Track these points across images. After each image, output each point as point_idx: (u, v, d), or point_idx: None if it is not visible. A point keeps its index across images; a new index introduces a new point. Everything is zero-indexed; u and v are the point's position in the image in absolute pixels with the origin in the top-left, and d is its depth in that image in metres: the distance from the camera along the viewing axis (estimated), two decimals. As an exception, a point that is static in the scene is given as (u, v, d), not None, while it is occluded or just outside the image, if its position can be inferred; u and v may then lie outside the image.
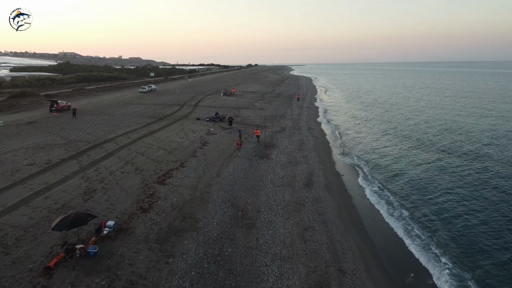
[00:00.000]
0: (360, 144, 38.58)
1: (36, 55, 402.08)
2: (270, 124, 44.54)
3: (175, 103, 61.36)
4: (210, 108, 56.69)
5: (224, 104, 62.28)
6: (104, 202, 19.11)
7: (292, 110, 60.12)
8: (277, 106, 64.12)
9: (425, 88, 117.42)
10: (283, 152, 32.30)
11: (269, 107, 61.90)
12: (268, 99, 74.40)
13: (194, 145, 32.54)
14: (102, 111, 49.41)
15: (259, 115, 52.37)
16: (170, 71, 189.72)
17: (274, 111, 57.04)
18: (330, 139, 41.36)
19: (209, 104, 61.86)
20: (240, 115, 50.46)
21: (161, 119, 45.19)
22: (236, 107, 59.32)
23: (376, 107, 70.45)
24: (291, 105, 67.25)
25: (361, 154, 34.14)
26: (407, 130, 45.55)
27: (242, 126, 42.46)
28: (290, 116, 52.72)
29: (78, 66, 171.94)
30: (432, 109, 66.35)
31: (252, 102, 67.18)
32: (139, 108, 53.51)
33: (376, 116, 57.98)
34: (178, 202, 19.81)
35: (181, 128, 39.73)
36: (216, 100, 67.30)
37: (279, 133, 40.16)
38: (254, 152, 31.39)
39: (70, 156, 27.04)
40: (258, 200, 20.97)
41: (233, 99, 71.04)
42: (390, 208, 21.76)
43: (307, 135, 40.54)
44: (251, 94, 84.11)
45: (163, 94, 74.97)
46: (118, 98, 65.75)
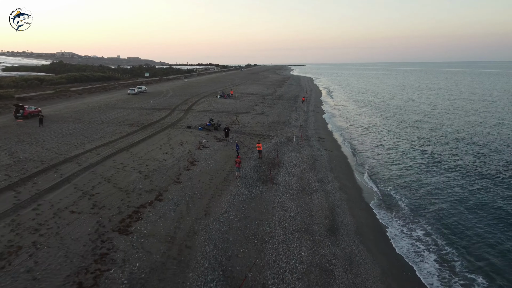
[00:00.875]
0: (384, 161, 31.70)
1: (34, 54, 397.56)
2: (274, 133, 37.76)
3: (165, 107, 54.46)
4: (205, 113, 49.85)
5: (221, 108, 55.43)
6: (22, 275, 12.23)
7: (298, 115, 53.31)
8: (280, 110, 57.31)
9: (435, 90, 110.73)
10: (292, 173, 25.46)
11: (271, 111, 55.10)
12: (269, 101, 67.61)
13: (180, 164, 25.66)
14: (78, 118, 42.48)
15: (260, 121, 45.57)
16: (167, 71, 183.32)
17: (277, 116, 50.24)
18: (347, 152, 34.50)
19: (204, 108, 54.99)
20: (238, 122, 43.63)
21: (144, 127, 38.31)
22: (234, 111, 52.50)
23: (389, 111, 63.65)
24: (296, 108, 60.46)
25: (389, 176, 27.26)
26: (436, 144, 38.69)
27: (240, 136, 35.63)
28: (296, 123, 45.92)
29: (71, 66, 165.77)
30: (452, 113, 59.61)
31: (252, 106, 60.36)
32: (123, 114, 46.60)
33: (392, 123, 51.17)
34: (141, 273, 12.92)
35: (166, 140, 32.86)
36: (212, 104, 60.44)
37: (284, 145, 33.35)
38: (255, 174, 24.53)
39: (8, 184, 20.11)
40: (263, 262, 14.10)
41: (231, 102, 64.21)
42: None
43: (318, 148, 33.72)
44: (250, 96, 77.32)
45: (153, 96, 68.06)
46: (101, 101, 58.83)
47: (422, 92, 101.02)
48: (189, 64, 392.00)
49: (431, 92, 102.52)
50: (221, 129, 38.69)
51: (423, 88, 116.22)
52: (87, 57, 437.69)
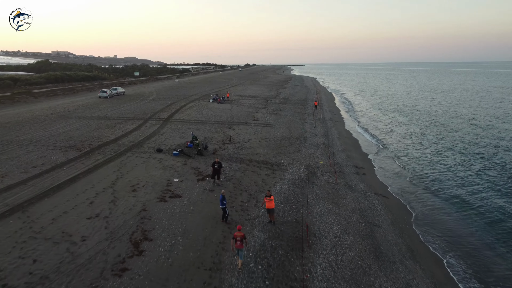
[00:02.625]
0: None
1: (28, 54, 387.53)
2: (287, 159, 24.79)
3: (137, 115, 41.25)
4: (189, 124, 36.72)
5: (212, 117, 42.25)
6: None
7: (313, 126, 40.28)
8: (289, 118, 44.21)
9: (458, 91, 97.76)
10: (340, 265, 12.39)
11: (277, 120, 42.01)
12: (274, 106, 54.52)
13: (112, 250, 12.52)
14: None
15: (265, 137, 32.46)
16: (160, 71, 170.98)
17: (287, 129, 37.20)
18: (414, 202, 21.31)
19: (190, 117, 41.79)
20: (234, 140, 30.47)
21: (89, 153, 25.06)
22: (229, 122, 39.39)
23: (424, 118, 50.58)
24: (308, 116, 47.39)
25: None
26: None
27: (237, 168, 22.49)
28: (315, 139, 32.91)
29: (56, 65, 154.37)
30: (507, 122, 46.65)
31: (252, 113, 47.22)
32: (71, 127, 33.34)
33: (440, 134, 38.11)
34: None
35: (113, 180, 19.64)
36: (202, 110, 47.22)
37: (309, 185, 20.28)
38: (266, 269, 11.42)
39: None
40: None
41: (226, 107, 51.05)
42: None
43: (364, 191, 20.65)
44: (250, 99, 64.12)
45: (130, 100, 54.80)
46: (57, 107, 45.47)
47: (446, 94, 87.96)
48: (186, 63, 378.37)
49: (454, 94, 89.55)
50: (208, 153, 25.64)
51: (443, 89, 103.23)
52: (83, 56, 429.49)
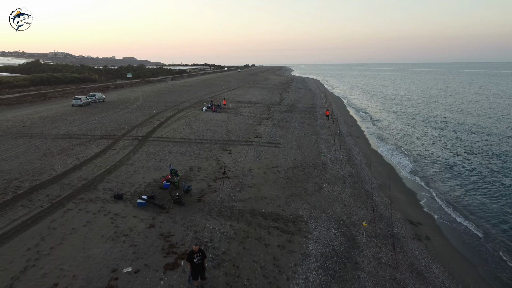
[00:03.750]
0: None
1: (25, 54, 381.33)
2: (305, 208, 16.42)
3: (110, 130, 32.79)
4: (172, 145, 28.28)
5: (203, 133, 33.79)
6: None
7: (329, 144, 31.88)
8: (299, 133, 35.83)
9: (484, 95, 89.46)
10: None
11: (285, 136, 33.63)
12: (278, 116, 46.18)
13: None
14: None
15: (272, 164, 24.05)
16: (156, 72, 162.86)
17: (299, 149, 28.86)
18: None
19: (175, 133, 33.34)
20: (229, 174, 22.00)
21: (9, 202, 16.62)
22: (224, 140, 30.99)
23: (468, 133, 42.27)
24: (321, 129, 39.07)
25: None
26: None
27: (236, 226, 14.03)
28: (336, 167, 24.54)
29: (47, 66, 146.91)
30: None
31: (253, 125, 38.84)
32: (13, 152, 24.77)
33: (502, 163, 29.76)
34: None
35: (5, 286, 11.24)
36: (192, 123, 38.77)
37: (348, 270, 11.89)
38: None
39: None
40: None
41: (221, 118, 42.65)
42: None
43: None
44: (250, 106, 55.73)
45: (108, 109, 46.33)
46: (13, 119, 36.80)
47: (472, 99, 79.46)
48: (183, 64, 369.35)
49: (475, 97, 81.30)
50: (192, 199, 17.33)
51: (463, 93, 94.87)
52: (81, 57, 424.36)
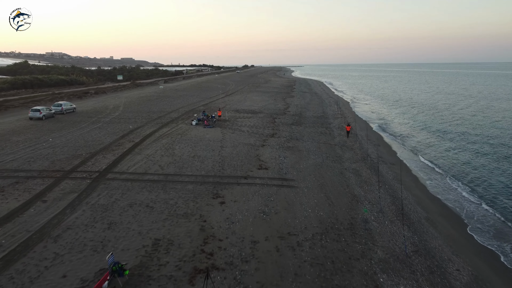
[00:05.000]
0: None
1: (21, 55, 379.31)
2: None
3: (57, 161, 23.57)
4: (140, 188, 19.13)
5: (186, 164, 24.50)
6: None
7: (362, 178, 22.78)
8: (316, 160, 26.65)
9: (499, 100, 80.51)
10: None
11: (298, 166, 24.48)
12: (285, 131, 37.05)
13: None
14: None
15: (286, 228, 14.93)
16: (151, 73, 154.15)
17: (322, 193, 19.80)
18: None
19: (148, 164, 24.11)
20: (217, 263, 12.91)
21: None
22: (216, 176, 21.79)
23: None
24: (343, 151, 29.96)
25: None
26: None
27: None
28: (386, 228, 15.45)
29: (35, 67, 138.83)
30: None
31: (255, 147, 29.64)
32: None
33: None
34: None
35: None
36: (175, 146, 29.54)
37: None
38: None
39: None
40: None
41: (215, 136, 33.45)
42: None
43: None
44: (251, 117, 46.55)
45: (74, 123, 37.16)
46: None
47: (497, 103, 70.53)
48: (181, 65, 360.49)
49: (506, 103, 72.40)
50: None
51: (483, 96, 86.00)
52: (78, 57, 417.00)
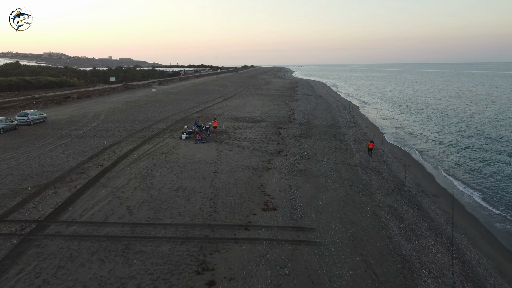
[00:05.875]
0: None
1: (19, 55, 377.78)
2: None
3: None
4: (92, 252, 12.64)
5: (167, 204, 18.03)
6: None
7: (411, 229, 16.35)
8: (338, 192, 20.16)
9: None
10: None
11: (318, 205, 17.99)
12: (294, 147, 30.52)
13: None
14: None
15: None
16: (147, 74, 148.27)
17: (359, 255, 13.32)
18: None
19: (112, 205, 17.57)
20: None
21: None
22: (206, 223, 15.26)
23: None
24: (368, 177, 23.54)
25: None
26: None
27: None
28: None
29: (25, 68, 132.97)
30: None
31: (258, 172, 23.09)
32: None
33: None
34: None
35: None
36: (155, 172, 23.00)
37: None
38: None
39: None
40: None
41: (207, 157, 26.90)
42: None
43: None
44: (252, 127, 40.06)
45: (38, 138, 30.62)
46: None
47: None
48: (179, 65, 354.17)
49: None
50: None
51: (502, 97, 79.68)
52: (76, 57, 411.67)
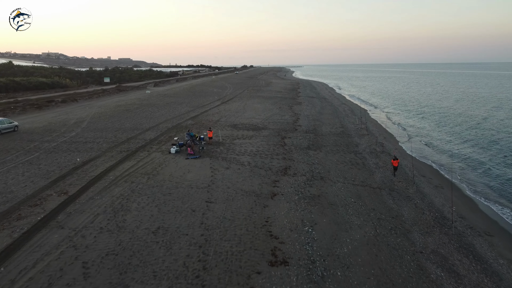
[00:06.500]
0: None
1: (17, 55, 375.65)
2: None
3: None
4: None
5: (143, 244, 13.51)
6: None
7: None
8: (364, 233, 15.52)
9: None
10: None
11: (340, 252, 13.42)
12: (303, 164, 25.87)
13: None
14: None
15: None
16: (144, 74, 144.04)
17: None
18: None
19: (69, 253, 12.93)
20: None
21: None
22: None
23: None
24: (398, 206, 18.97)
25: None
26: None
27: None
28: None
29: (18, 68, 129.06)
30: None
31: (262, 201, 18.51)
32: None
33: None
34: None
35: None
36: (131, 204, 18.38)
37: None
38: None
39: None
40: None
41: (199, 178, 22.26)
42: None
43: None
44: (253, 136, 35.40)
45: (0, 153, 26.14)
46: None
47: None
48: (177, 65, 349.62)
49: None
50: None
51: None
52: (75, 58, 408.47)
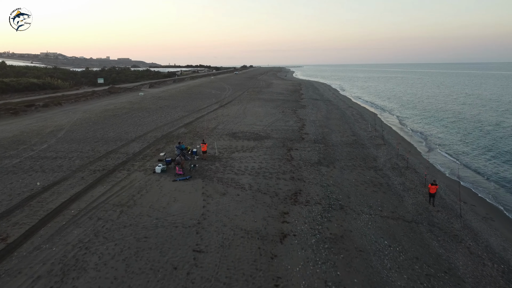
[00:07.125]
0: None
1: (15, 55, 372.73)
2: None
3: None
4: None
5: None
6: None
7: None
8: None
9: None
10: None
11: None
12: (315, 186, 21.11)
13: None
14: None
15: None
16: (141, 75, 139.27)
17: None
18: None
19: None
20: None
21: None
22: None
23: None
24: (447, 250, 14.18)
25: None
26: None
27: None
28: None
29: (11, 69, 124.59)
30: None
31: (268, 248, 13.83)
32: None
33: None
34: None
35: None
36: (91, 253, 13.67)
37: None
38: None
39: None
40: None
41: (188, 205, 17.47)
42: None
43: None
44: (254, 149, 30.54)
45: None
46: None
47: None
48: (176, 65, 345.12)
49: None
50: None
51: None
52: (73, 58, 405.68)
